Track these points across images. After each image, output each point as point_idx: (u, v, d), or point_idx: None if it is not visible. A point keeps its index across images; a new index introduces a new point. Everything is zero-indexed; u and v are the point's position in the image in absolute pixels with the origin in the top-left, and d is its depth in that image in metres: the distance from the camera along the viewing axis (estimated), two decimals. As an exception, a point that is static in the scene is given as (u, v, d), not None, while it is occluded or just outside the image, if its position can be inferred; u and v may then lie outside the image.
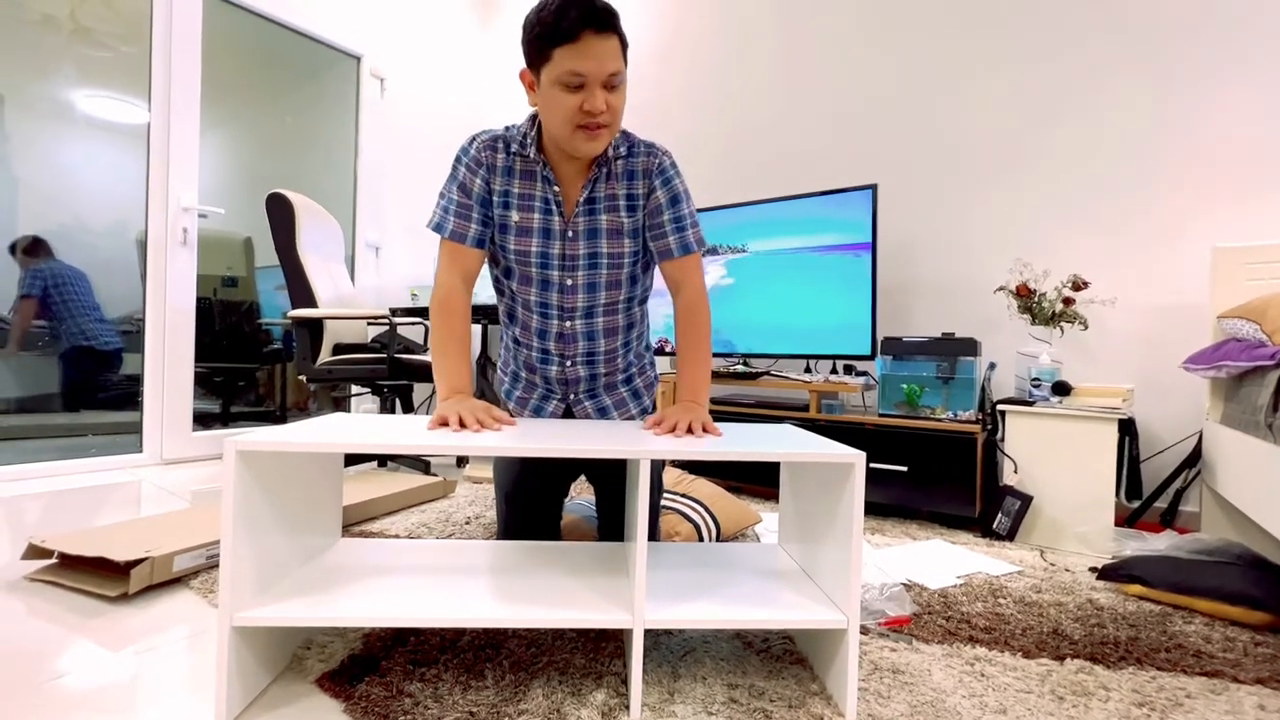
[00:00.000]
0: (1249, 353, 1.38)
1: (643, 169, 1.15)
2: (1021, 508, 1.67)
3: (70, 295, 2.29)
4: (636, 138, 1.17)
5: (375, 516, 1.74)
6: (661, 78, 3.08)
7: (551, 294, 1.16)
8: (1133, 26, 1.98)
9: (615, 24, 1.00)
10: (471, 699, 0.83)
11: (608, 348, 1.21)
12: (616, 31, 1.01)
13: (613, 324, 1.20)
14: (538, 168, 1.12)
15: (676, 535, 1.42)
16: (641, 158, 1.15)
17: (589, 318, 1.18)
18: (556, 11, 0.97)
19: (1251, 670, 0.99)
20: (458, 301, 1.13)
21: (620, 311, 1.20)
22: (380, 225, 3.31)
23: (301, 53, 3.02)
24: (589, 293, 1.16)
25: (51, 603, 1.13)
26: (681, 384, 1.16)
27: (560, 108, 1.01)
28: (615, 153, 1.13)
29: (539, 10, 1.00)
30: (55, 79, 2.26)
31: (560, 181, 1.14)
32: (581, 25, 0.96)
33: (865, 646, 1.03)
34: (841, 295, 2.18)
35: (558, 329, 1.18)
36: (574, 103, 1.00)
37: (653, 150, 1.16)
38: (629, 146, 1.15)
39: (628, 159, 1.15)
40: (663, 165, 1.16)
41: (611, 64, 1.00)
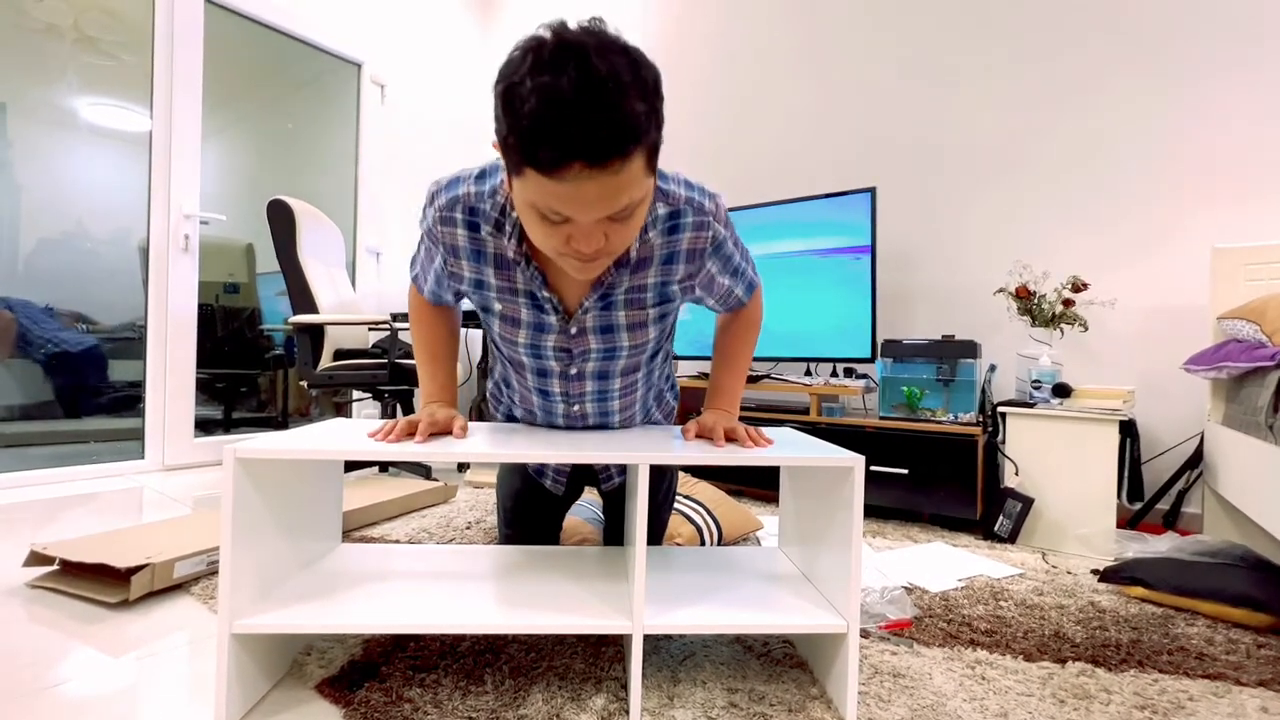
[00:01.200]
0: (1249, 354, 1.38)
1: (688, 248, 0.88)
2: (1023, 510, 1.66)
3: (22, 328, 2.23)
4: (680, 193, 0.86)
5: (376, 522, 1.74)
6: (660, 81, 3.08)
7: (551, 381, 1.00)
8: (1132, 27, 1.98)
9: (629, 146, 0.64)
10: (471, 704, 0.83)
11: (624, 384, 1.04)
12: (630, 155, 0.65)
13: (633, 364, 1.02)
14: (521, 264, 0.87)
15: (678, 537, 1.42)
16: (688, 233, 0.87)
17: (602, 378, 1.01)
18: (533, 118, 0.62)
19: (1254, 673, 0.98)
20: (435, 310, 1.04)
21: (641, 363, 1.03)
22: (381, 231, 3.32)
23: (302, 60, 3.04)
24: (599, 380, 1.00)
25: (53, 609, 1.13)
26: (715, 389, 1.06)
27: (539, 235, 0.74)
28: (645, 233, 0.86)
29: (508, 88, 0.64)
30: (58, 87, 2.28)
31: (557, 286, 0.90)
32: (567, 158, 0.63)
33: (866, 650, 1.02)
34: (841, 298, 2.18)
35: (560, 386, 1.02)
36: (558, 235, 0.72)
37: (705, 221, 0.87)
38: (671, 214, 0.86)
39: (669, 237, 0.87)
40: (717, 238, 0.89)
41: (617, 203, 0.68)
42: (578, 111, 0.61)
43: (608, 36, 0.65)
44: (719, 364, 1.08)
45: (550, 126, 0.61)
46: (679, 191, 0.86)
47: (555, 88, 0.61)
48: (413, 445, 0.85)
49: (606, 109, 0.62)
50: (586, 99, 0.61)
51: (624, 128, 0.63)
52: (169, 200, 2.46)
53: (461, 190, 0.85)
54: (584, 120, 0.61)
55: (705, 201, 0.88)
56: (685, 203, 0.86)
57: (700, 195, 0.88)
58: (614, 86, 0.62)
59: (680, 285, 0.93)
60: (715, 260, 0.93)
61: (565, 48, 0.62)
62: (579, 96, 0.61)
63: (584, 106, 0.61)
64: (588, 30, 0.65)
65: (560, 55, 0.62)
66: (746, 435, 0.93)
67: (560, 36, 0.64)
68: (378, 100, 3.28)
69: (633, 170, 0.66)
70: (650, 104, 0.66)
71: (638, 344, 0.97)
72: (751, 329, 1.06)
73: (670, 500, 1.32)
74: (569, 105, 0.61)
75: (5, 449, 2.19)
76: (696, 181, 0.90)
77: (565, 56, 0.62)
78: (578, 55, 0.62)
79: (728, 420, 0.98)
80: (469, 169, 0.88)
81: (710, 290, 0.98)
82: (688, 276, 0.92)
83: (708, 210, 0.88)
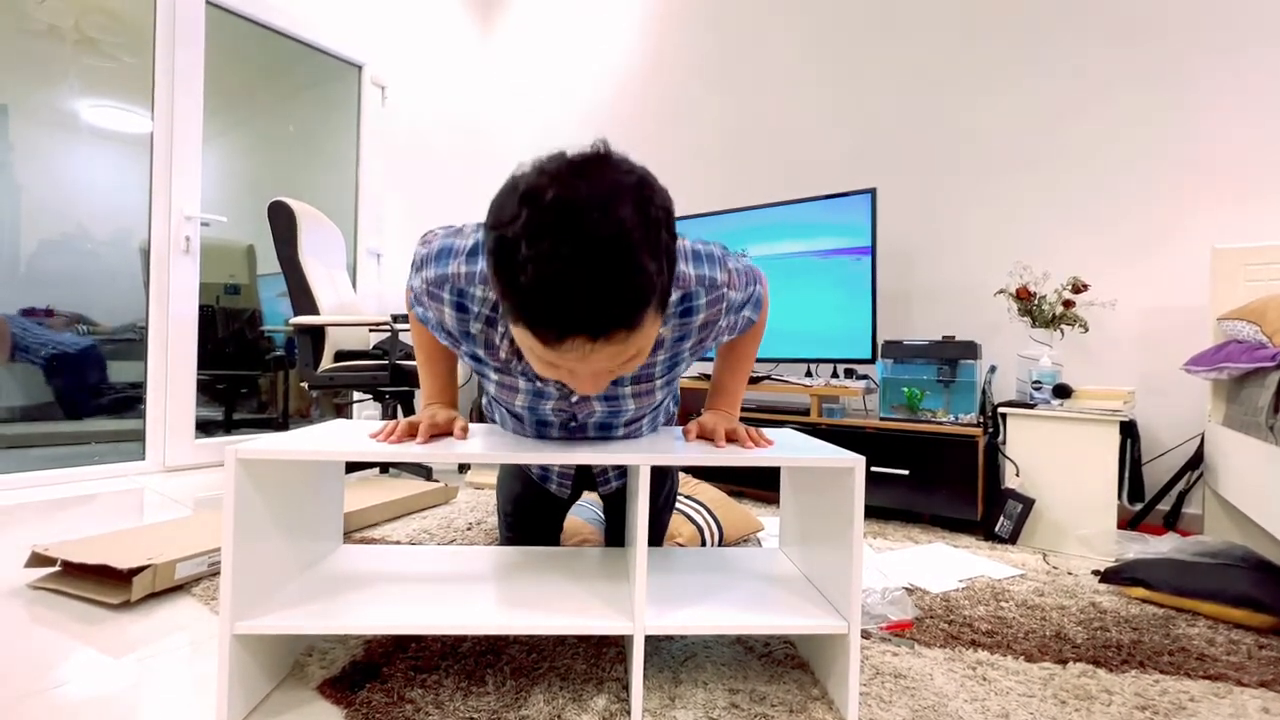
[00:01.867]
0: (1249, 354, 1.38)
1: (702, 323, 0.84)
2: (1023, 511, 1.66)
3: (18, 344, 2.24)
4: (689, 274, 0.80)
5: (376, 523, 1.74)
6: (662, 83, 3.09)
7: (551, 429, 0.96)
8: (1132, 28, 1.98)
9: (638, 315, 0.61)
10: (473, 705, 0.83)
11: (628, 430, 1.00)
12: (639, 321, 0.62)
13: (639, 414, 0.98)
14: (514, 361, 0.84)
15: (679, 536, 1.42)
16: (702, 314, 0.83)
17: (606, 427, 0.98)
18: (531, 291, 0.58)
19: (1255, 673, 0.98)
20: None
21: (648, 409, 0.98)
22: (381, 232, 3.32)
23: (303, 62, 3.04)
24: (602, 429, 0.97)
25: (54, 610, 1.13)
26: (716, 389, 1.03)
27: (537, 368, 0.69)
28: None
29: (502, 242, 0.59)
30: (59, 89, 2.28)
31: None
32: (568, 334, 0.60)
33: (867, 651, 1.02)
34: (842, 299, 2.18)
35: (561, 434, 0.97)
36: (558, 373, 0.69)
37: (719, 295, 0.82)
38: (682, 297, 0.81)
39: (681, 320, 0.82)
40: (732, 302, 0.85)
41: (623, 357, 0.66)
42: (581, 290, 0.57)
43: (613, 178, 0.60)
44: (722, 365, 1.06)
45: (550, 304, 0.58)
46: (688, 272, 0.80)
47: (555, 259, 0.56)
48: (414, 446, 0.86)
49: (612, 284, 0.57)
50: (590, 274, 0.56)
51: (632, 300, 0.59)
52: (170, 202, 2.46)
53: (450, 269, 0.79)
54: (588, 299, 0.57)
55: (717, 274, 0.82)
56: (696, 283, 0.81)
57: (711, 268, 0.82)
58: (621, 253, 0.57)
59: (692, 351, 0.91)
60: (729, 316, 0.88)
61: (565, 207, 0.57)
62: (582, 271, 0.56)
63: (588, 284, 0.57)
64: (591, 173, 0.60)
65: (560, 216, 0.57)
66: (747, 436, 0.92)
67: (560, 188, 0.58)
68: (378, 102, 3.28)
69: (642, 328, 0.63)
70: (661, 258, 0.61)
71: (644, 404, 0.94)
72: (757, 332, 1.03)
73: (671, 503, 1.32)
74: (570, 283, 0.57)
75: (6, 450, 2.19)
76: (704, 247, 0.84)
77: (566, 218, 0.57)
78: (579, 217, 0.57)
79: (728, 421, 0.97)
80: (460, 239, 0.80)
81: (724, 335, 0.94)
82: (699, 343, 0.89)
83: (720, 284, 0.82)
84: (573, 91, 3.43)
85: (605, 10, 3.31)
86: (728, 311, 0.86)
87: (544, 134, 3.54)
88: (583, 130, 3.37)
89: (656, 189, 0.63)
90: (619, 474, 1.15)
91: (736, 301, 0.87)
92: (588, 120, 3.36)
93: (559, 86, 3.49)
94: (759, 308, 0.95)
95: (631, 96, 3.19)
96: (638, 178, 0.62)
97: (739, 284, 0.86)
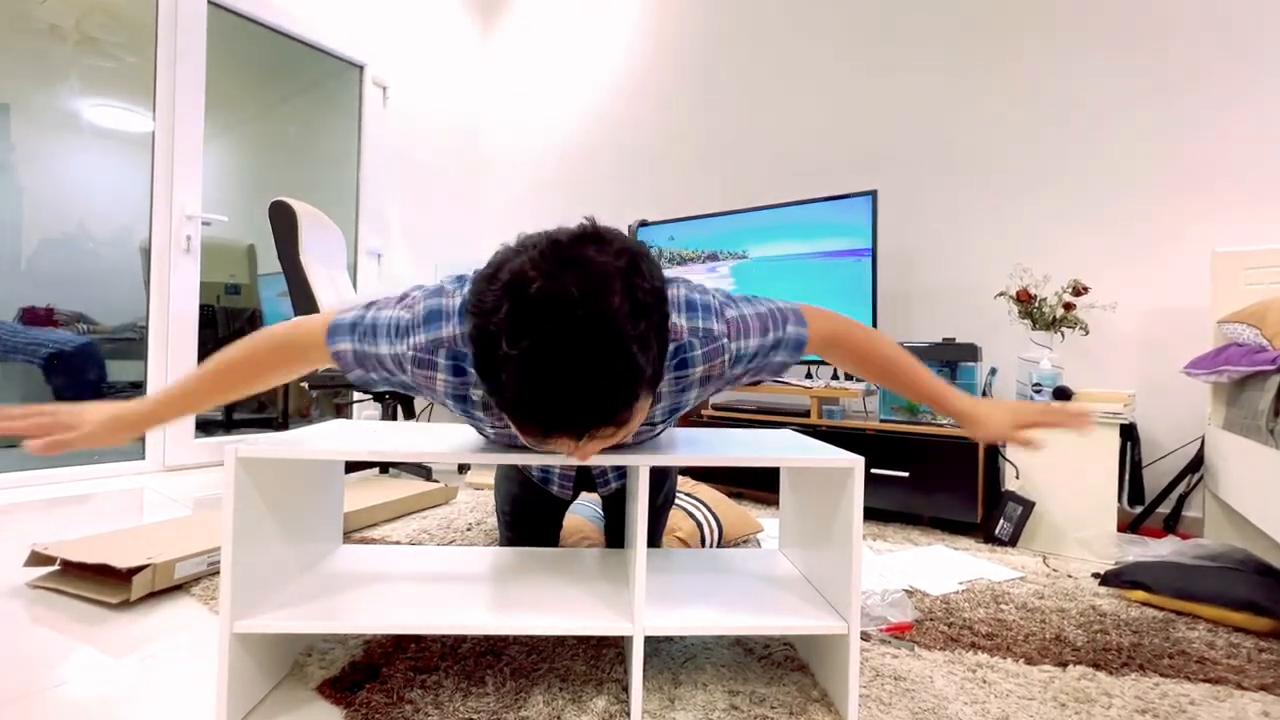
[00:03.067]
0: (1250, 357, 1.38)
1: (702, 376, 0.80)
2: (1023, 513, 1.66)
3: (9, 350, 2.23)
4: (682, 325, 0.77)
5: (376, 523, 1.74)
6: (662, 84, 3.09)
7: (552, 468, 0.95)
8: (1133, 32, 1.99)
9: (626, 409, 0.60)
10: (472, 705, 0.83)
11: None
12: (628, 413, 0.61)
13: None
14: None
15: (679, 531, 1.42)
16: (700, 366, 0.79)
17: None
18: (514, 392, 0.57)
19: (1255, 677, 0.98)
20: (301, 359, 0.82)
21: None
22: (382, 232, 3.32)
23: (304, 62, 3.05)
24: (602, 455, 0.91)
25: (54, 610, 1.13)
26: (931, 400, 0.91)
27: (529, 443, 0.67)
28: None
29: (483, 333, 0.58)
30: (61, 88, 2.28)
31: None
32: (553, 434, 0.60)
33: (866, 653, 1.02)
34: (842, 301, 2.18)
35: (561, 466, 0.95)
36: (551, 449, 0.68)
37: (718, 348, 0.78)
38: (675, 350, 0.77)
39: (677, 373, 0.79)
40: (738, 354, 0.80)
41: (613, 441, 0.65)
42: (566, 393, 0.56)
43: (601, 263, 0.57)
44: (905, 385, 0.91)
45: (535, 408, 0.57)
46: (680, 324, 0.76)
47: (537, 362, 0.55)
48: (415, 445, 0.85)
49: (598, 387, 0.56)
50: (575, 378, 0.55)
51: (620, 399, 0.58)
52: (171, 201, 2.46)
53: (445, 332, 0.74)
54: (573, 403, 0.56)
55: (713, 326, 0.77)
56: (689, 334, 0.77)
57: (706, 317, 0.77)
58: (607, 352, 0.56)
59: (696, 399, 0.86)
60: (740, 366, 0.82)
61: (550, 303, 0.55)
62: (567, 375, 0.55)
63: (573, 387, 0.56)
64: (578, 260, 0.57)
65: (543, 313, 0.55)
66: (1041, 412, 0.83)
67: (545, 280, 0.55)
68: (379, 102, 3.28)
69: (630, 420, 0.62)
70: (651, 345, 0.59)
71: (646, 438, 0.91)
72: (872, 347, 0.89)
73: (670, 501, 1.32)
74: (554, 387, 0.55)
75: (6, 449, 2.19)
76: (700, 297, 0.79)
77: (549, 315, 0.55)
78: (564, 314, 0.54)
79: (1001, 406, 0.87)
80: (444, 299, 0.76)
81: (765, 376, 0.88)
82: (702, 394, 0.85)
83: (716, 335, 0.77)
84: (573, 92, 3.43)
85: (606, 11, 3.32)
86: (735, 362, 0.81)
87: (544, 134, 3.54)
88: (583, 132, 3.37)
89: (646, 269, 0.61)
90: (619, 475, 1.15)
91: (748, 350, 0.81)
92: (588, 120, 3.36)
93: (559, 87, 3.49)
94: (800, 349, 0.85)
95: (632, 97, 3.19)
96: (628, 259, 0.59)
97: (746, 331, 0.80)
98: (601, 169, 3.30)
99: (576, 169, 3.40)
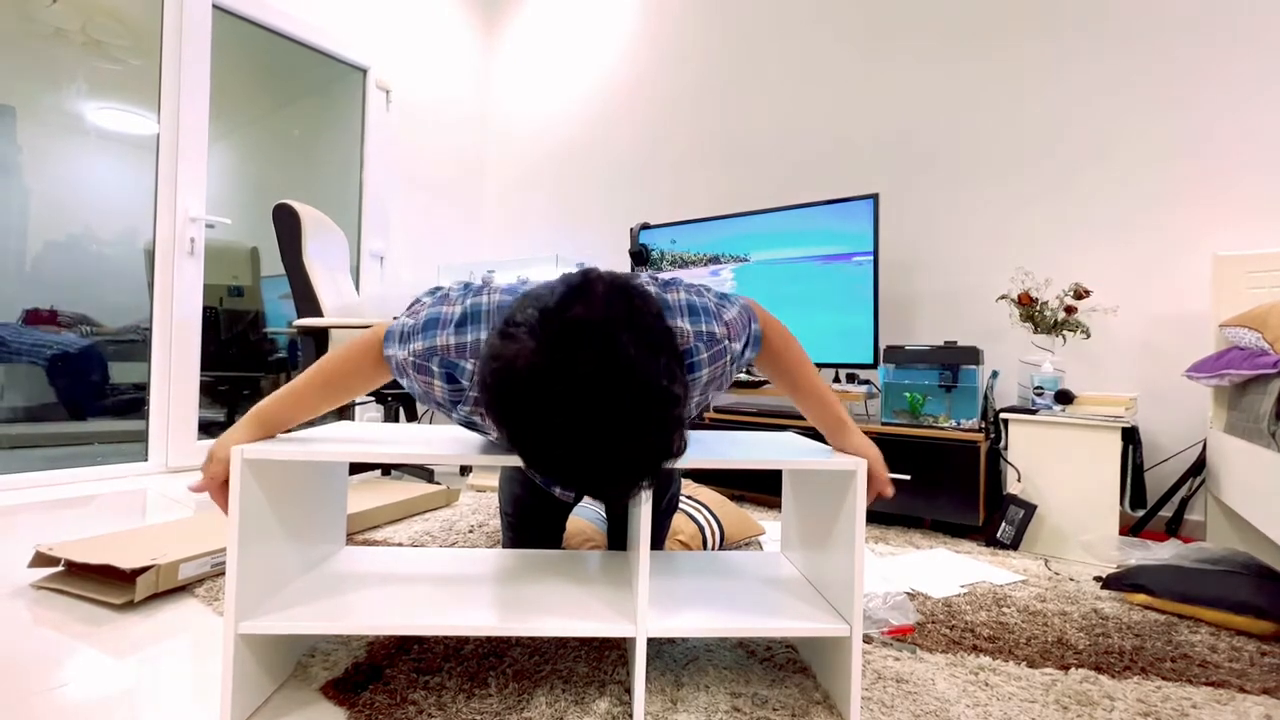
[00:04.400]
0: (1251, 361, 1.38)
1: (709, 379, 0.82)
2: (1025, 516, 1.66)
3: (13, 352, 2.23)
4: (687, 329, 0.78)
5: (379, 525, 1.74)
6: (664, 88, 3.10)
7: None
8: (1135, 36, 1.99)
9: (632, 490, 0.62)
10: (475, 707, 0.84)
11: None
12: (637, 491, 0.63)
13: None
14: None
15: (680, 534, 1.43)
16: (706, 369, 0.80)
17: None
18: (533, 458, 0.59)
19: (1258, 680, 0.98)
20: (377, 372, 0.83)
21: None
22: (384, 235, 3.33)
23: (309, 65, 3.06)
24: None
25: (58, 610, 1.13)
26: (825, 426, 0.93)
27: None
28: None
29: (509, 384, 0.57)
30: (67, 91, 2.30)
31: None
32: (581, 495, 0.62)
33: (869, 655, 1.02)
34: (844, 304, 2.18)
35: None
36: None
37: (721, 349, 0.80)
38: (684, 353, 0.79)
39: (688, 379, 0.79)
40: (736, 355, 0.83)
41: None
42: (587, 475, 0.58)
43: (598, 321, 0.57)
44: (803, 403, 0.94)
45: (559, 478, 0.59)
46: (685, 327, 0.78)
47: (565, 446, 0.56)
48: (418, 447, 0.85)
49: (622, 468, 0.58)
50: (599, 463, 0.57)
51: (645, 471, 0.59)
52: (175, 203, 2.47)
53: (439, 341, 0.76)
54: (597, 483, 0.59)
55: (715, 328, 0.79)
56: (695, 339, 0.78)
57: (708, 321, 0.79)
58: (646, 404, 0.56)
59: (699, 404, 0.87)
60: (734, 365, 0.84)
61: (572, 389, 0.55)
62: (594, 459, 0.56)
63: (598, 471, 0.57)
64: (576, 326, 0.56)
65: (567, 407, 0.55)
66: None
67: (552, 363, 0.55)
68: (383, 105, 3.30)
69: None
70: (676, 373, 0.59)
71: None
72: (794, 344, 0.92)
73: (673, 508, 1.32)
74: (582, 469, 0.57)
75: (10, 451, 2.20)
76: (699, 300, 0.81)
77: (578, 401, 0.55)
78: (591, 393, 0.55)
79: (876, 452, 0.90)
80: (447, 306, 0.77)
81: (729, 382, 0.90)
82: (703, 400, 0.87)
83: (719, 338, 0.79)
84: (575, 96, 3.44)
85: (608, 16, 3.33)
86: (732, 363, 0.83)
87: (546, 137, 3.55)
88: (585, 134, 3.38)
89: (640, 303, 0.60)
90: None
91: (738, 351, 0.84)
92: (590, 124, 3.37)
93: (561, 90, 3.51)
94: (759, 345, 0.89)
95: (634, 101, 3.21)
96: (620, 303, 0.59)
97: (738, 332, 0.83)
98: (604, 171, 3.31)
99: (578, 172, 3.41)
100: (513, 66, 3.75)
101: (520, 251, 3.64)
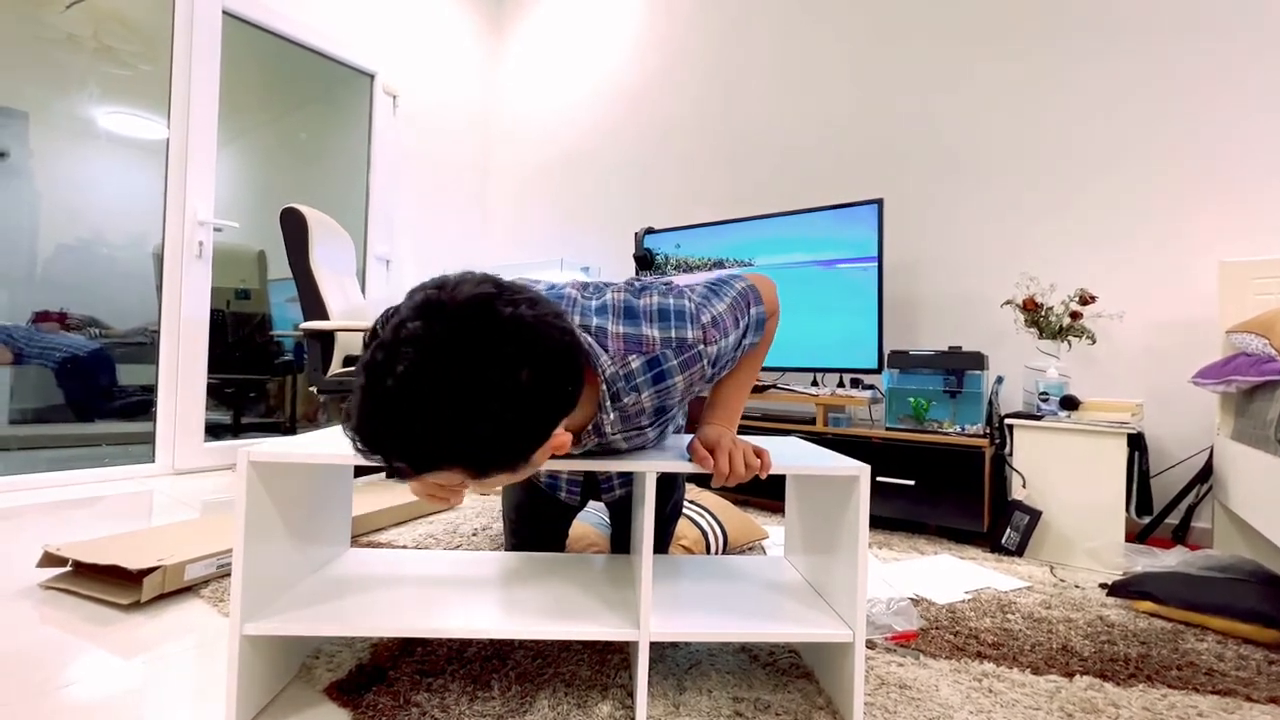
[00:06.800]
0: (1258, 367, 1.37)
1: (684, 386, 0.80)
2: (1030, 523, 1.65)
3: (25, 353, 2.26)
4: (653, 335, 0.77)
5: (383, 527, 1.75)
6: (666, 94, 3.12)
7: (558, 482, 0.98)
8: (1142, 42, 1.99)
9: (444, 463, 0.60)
10: (478, 709, 0.84)
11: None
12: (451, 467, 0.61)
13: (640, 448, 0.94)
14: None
15: (684, 539, 1.43)
16: (678, 375, 0.78)
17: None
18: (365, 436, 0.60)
19: (1265, 689, 0.97)
20: None
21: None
22: (390, 238, 3.35)
23: (316, 70, 3.09)
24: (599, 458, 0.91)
25: (65, 610, 1.14)
26: (715, 402, 0.93)
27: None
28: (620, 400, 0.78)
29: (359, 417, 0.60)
30: (78, 96, 2.32)
31: None
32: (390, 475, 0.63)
33: (872, 661, 1.02)
34: (848, 309, 2.18)
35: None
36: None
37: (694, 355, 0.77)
38: (649, 363, 0.78)
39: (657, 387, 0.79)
40: (716, 356, 0.80)
41: (483, 487, 0.67)
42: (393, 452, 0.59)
43: (439, 332, 0.58)
44: (725, 378, 0.95)
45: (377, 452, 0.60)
46: (652, 334, 0.76)
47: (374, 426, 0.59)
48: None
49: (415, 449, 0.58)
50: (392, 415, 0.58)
51: (437, 456, 0.59)
52: (184, 207, 2.49)
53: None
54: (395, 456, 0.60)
55: (687, 334, 0.76)
56: (663, 345, 0.76)
57: (680, 325, 0.77)
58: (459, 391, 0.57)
59: (681, 401, 0.86)
60: (721, 362, 0.83)
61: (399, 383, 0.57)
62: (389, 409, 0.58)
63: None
64: (412, 338, 0.57)
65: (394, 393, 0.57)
66: (743, 461, 0.82)
67: (393, 370, 0.57)
68: (390, 110, 3.32)
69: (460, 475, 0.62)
70: (518, 368, 0.58)
71: (636, 442, 0.90)
72: (761, 347, 0.94)
73: (677, 514, 1.32)
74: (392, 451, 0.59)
75: (18, 452, 2.22)
76: (675, 303, 0.78)
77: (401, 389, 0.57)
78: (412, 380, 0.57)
79: (728, 436, 0.87)
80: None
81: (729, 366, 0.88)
82: (689, 392, 0.84)
83: (692, 344, 0.76)
84: (581, 100, 3.46)
85: (615, 20, 3.35)
86: (715, 363, 0.81)
87: (552, 142, 3.57)
88: (590, 139, 3.40)
89: (499, 305, 0.59)
90: (623, 481, 1.15)
91: (726, 349, 0.82)
92: (596, 128, 3.39)
93: (568, 95, 3.52)
94: (761, 328, 0.88)
95: (639, 105, 3.22)
96: (474, 305, 0.59)
97: (723, 330, 0.80)
98: (609, 175, 3.32)
99: (584, 176, 3.43)
100: (518, 71, 3.77)
101: (525, 256, 3.65)
